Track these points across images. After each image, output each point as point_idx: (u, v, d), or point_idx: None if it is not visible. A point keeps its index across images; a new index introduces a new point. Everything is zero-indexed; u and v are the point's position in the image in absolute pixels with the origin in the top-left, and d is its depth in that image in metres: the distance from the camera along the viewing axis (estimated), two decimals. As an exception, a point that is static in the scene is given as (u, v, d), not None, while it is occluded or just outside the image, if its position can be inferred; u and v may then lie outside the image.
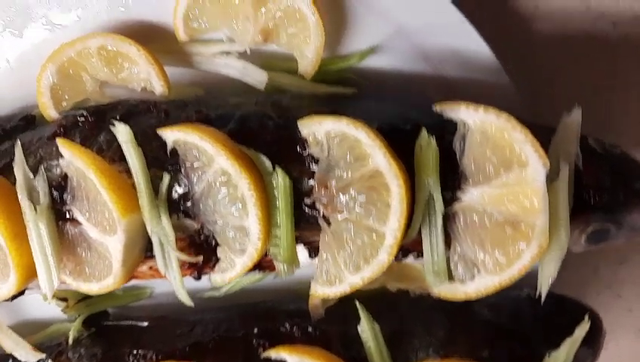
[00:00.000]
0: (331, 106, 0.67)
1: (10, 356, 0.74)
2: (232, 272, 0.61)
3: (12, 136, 0.70)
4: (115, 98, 0.70)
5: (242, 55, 0.69)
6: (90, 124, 0.64)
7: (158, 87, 0.67)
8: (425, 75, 0.70)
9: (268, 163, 0.58)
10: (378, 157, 0.54)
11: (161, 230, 0.61)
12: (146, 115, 0.64)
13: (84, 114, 0.65)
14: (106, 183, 0.59)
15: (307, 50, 0.65)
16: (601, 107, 0.78)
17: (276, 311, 0.74)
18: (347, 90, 0.67)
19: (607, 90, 0.78)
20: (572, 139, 0.57)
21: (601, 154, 0.61)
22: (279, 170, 0.57)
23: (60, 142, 0.61)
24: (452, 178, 0.57)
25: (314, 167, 0.59)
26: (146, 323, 0.77)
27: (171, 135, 0.59)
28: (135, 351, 0.71)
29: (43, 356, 0.72)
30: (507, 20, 0.75)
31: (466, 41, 0.67)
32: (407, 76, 0.70)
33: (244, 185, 0.57)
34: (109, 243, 0.62)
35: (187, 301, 0.64)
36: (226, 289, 0.74)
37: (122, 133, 0.59)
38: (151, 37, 0.69)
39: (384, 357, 0.63)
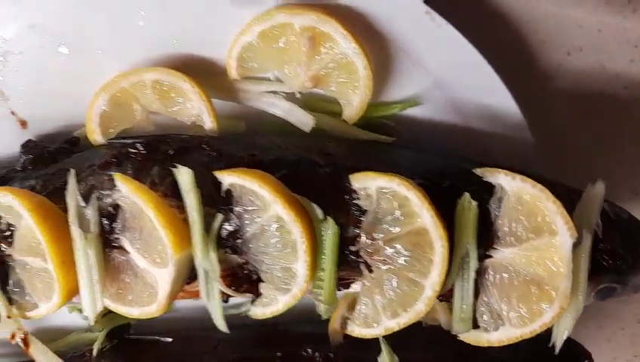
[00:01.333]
0: (371, 154, 0.72)
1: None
2: (274, 308, 0.65)
3: (57, 158, 0.72)
4: (161, 127, 0.72)
5: (288, 95, 0.72)
6: (142, 157, 0.66)
7: (208, 123, 0.69)
8: (455, 126, 0.75)
9: (320, 212, 0.62)
10: (426, 217, 0.59)
11: (209, 265, 0.64)
12: (199, 152, 0.66)
13: (137, 146, 0.66)
14: (162, 221, 0.61)
15: (354, 98, 0.69)
16: (612, 162, 0.84)
17: (296, 334, 0.79)
18: (387, 138, 0.71)
19: (617, 146, 0.84)
20: (595, 209, 0.63)
21: (614, 220, 0.67)
22: (330, 221, 0.61)
23: (118, 178, 0.63)
24: (486, 236, 0.63)
25: (358, 215, 0.63)
26: (169, 339, 0.81)
27: (229, 178, 0.62)
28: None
29: (73, 373, 0.75)
30: (530, 75, 0.81)
31: (496, 98, 0.71)
32: (438, 126, 0.75)
33: (297, 232, 0.61)
34: (158, 274, 0.65)
35: (224, 328, 0.68)
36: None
37: (185, 176, 0.61)
38: (200, 70, 0.70)
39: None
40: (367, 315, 0.64)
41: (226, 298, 0.72)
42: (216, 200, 0.64)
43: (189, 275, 0.68)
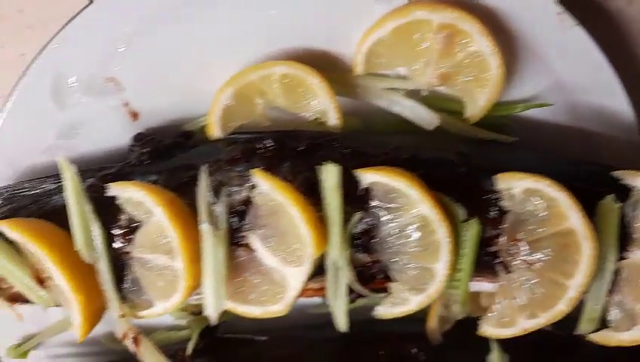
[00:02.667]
0: (492, 153, 0.71)
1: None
2: (404, 308, 0.64)
3: (172, 152, 0.69)
4: (276, 123, 0.71)
5: (409, 93, 0.70)
6: (272, 152, 0.64)
7: (333, 120, 0.68)
8: (567, 127, 0.74)
9: (462, 212, 0.61)
10: (574, 219, 0.59)
11: (343, 264, 0.63)
12: (330, 149, 0.65)
13: (265, 142, 0.65)
14: (306, 219, 0.60)
15: (480, 97, 0.68)
16: None
17: (395, 333, 0.77)
18: (509, 138, 0.70)
19: None
20: None
21: None
22: (474, 221, 0.61)
23: (258, 175, 0.61)
24: (621, 237, 0.63)
25: (496, 216, 0.62)
26: (263, 338, 0.79)
27: (371, 177, 0.61)
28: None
29: (178, 373, 0.73)
30: (633, 77, 0.82)
31: (612, 100, 0.71)
32: (550, 126, 0.74)
33: (442, 232, 0.60)
34: (290, 273, 0.63)
35: (345, 328, 0.66)
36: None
37: (332, 174, 0.59)
38: (323, 65, 0.69)
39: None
40: (502, 315, 0.63)
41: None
42: (352, 198, 0.63)
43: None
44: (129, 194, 0.62)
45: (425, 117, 0.69)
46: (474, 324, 0.72)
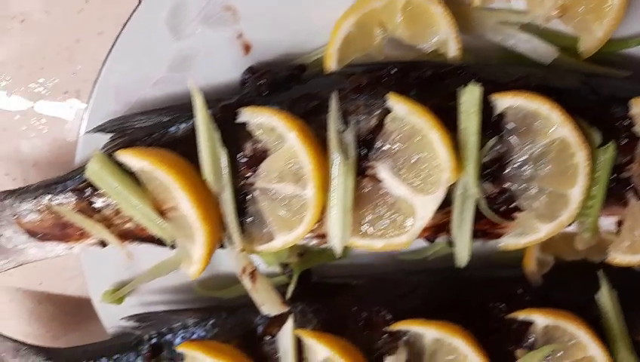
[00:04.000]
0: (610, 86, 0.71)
1: (245, 307, 0.72)
2: (532, 237, 0.64)
3: (289, 84, 0.67)
4: (392, 56, 0.69)
5: (524, 27, 0.69)
6: (397, 81, 0.63)
7: (453, 51, 0.66)
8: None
9: (598, 136, 0.61)
10: None
11: (474, 191, 0.62)
12: (456, 77, 0.64)
13: (389, 71, 0.64)
14: (446, 144, 0.59)
15: (598, 29, 0.67)
16: None
17: (495, 277, 0.76)
18: (623, 72, 0.69)
19: None
20: None
21: None
22: (611, 146, 0.60)
23: (396, 99, 0.60)
24: None
25: (627, 142, 0.62)
26: (360, 282, 0.78)
27: (509, 101, 0.60)
28: (368, 309, 0.71)
29: (287, 309, 0.71)
30: None
31: None
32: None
33: (580, 155, 0.60)
34: (420, 202, 0.62)
35: (464, 261, 0.65)
36: (432, 253, 0.75)
37: (473, 95, 0.59)
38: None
39: (621, 326, 0.68)
40: (634, 243, 0.63)
41: (432, 237, 0.70)
42: (485, 125, 0.61)
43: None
44: (261, 119, 0.60)
45: (541, 50, 0.68)
46: (574, 267, 0.73)
